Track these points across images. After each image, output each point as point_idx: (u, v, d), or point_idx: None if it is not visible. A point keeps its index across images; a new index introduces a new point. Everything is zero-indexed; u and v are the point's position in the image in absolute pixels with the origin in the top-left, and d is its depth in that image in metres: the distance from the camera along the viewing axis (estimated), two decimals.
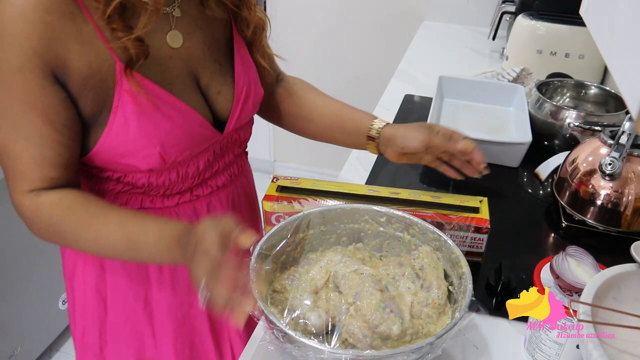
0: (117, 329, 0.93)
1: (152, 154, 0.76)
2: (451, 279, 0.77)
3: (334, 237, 0.84)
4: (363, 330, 0.68)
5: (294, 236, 0.81)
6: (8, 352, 1.67)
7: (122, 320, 0.92)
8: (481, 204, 0.93)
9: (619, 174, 0.97)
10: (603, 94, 1.38)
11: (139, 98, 0.72)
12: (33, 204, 0.72)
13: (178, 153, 0.78)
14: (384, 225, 0.84)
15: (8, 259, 1.62)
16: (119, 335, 0.93)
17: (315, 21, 2.46)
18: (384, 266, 0.80)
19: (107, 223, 0.73)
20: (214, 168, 0.88)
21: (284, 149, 2.86)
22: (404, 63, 1.88)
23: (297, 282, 0.76)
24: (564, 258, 0.84)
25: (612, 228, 1.01)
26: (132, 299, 0.91)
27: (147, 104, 0.73)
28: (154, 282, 0.90)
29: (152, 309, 0.92)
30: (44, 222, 0.73)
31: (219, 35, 0.85)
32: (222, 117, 0.85)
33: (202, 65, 0.82)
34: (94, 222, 0.73)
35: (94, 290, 0.90)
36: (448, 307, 0.74)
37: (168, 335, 0.94)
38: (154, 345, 0.94)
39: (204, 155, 0.84)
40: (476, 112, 1.43)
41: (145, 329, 0.93)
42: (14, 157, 0.70)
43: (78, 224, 0.73)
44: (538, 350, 0.75)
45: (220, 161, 0.89)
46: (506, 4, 1.87)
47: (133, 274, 0.89)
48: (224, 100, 0.84)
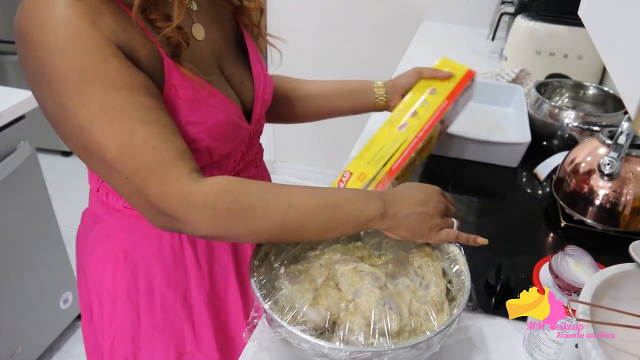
0: (153, 333, 0.91)
1: (200, 149, 0.75)
2: (449, 277, 0.77)
3: None
4: (362, 327, 0.68)
5: None
6: (9, 352, 1.67)
7: (160, 322, 0.90)
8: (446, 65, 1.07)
9: (617, 174, 0.97)
10: (601, 95, 1.39)
11: (186, 93, 0.72)
12: (202, 187, 0.65)
13: (223, 146, 0.79)
14: None
15: (9, 258, 1.62)
16: (154, 338, 0.92)
17: (315, 21, 2.46)
18: (383, 264, 0.80)
19: (295, 189, 0.70)
20: (245, 159, 0.90)
21: (284, 149, 2.87)
22: (404, 63, 1.88)
23: (297, 279, 0.76)
24: (563, 258, 0.84)
25: (610, 228, 1.01)
26: (172, 298, 0.89)
27: (193, 99, 0.72)
28: (193, 277, 0.90)
29: (191, 303, 0.91)
30: (225, 201, 0.66)
31: (229, 27, 0.87)
32: (247, 106, 0.86)
33: (223, 57, 0.83)
34: (281, 190, 0.70)
35: (125, 301, 0.88)
36: (446, 305, 0.74)
37: (208, 327, 0.93)
38: (194, 339, 0.94)
39: (239, 148, 0.86)
40: (475, 112, 1.43)
41: (185, 325, 0.92)
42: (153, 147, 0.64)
43: (266, 193, 0.69)
44: (537, 349, 0.75)
45: (250, 152, 0.91)
46: (505, 4, 1.88)
47: (171, 274, 0.88)
48: (247, 89, 0.85)
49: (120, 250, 0.86)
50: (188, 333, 0.93)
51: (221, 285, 0.93)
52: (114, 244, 0.87)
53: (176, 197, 0.65)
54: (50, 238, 1.77)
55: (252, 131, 0.89)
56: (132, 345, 0.91)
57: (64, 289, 1.87)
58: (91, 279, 0.91)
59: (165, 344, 0.92)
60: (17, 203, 1.60)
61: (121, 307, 0.89)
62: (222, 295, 0.94)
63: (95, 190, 0.86)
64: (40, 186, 1.70)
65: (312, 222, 0.70)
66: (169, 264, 0.88)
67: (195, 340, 0.94)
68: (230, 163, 0.85)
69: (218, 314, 0.94)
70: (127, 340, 0.91)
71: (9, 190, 1.56)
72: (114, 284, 0.88)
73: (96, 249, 0.89)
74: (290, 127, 1.15)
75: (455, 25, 2.25)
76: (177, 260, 0.88)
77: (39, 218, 1.71)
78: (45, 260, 1.76)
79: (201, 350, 0.94)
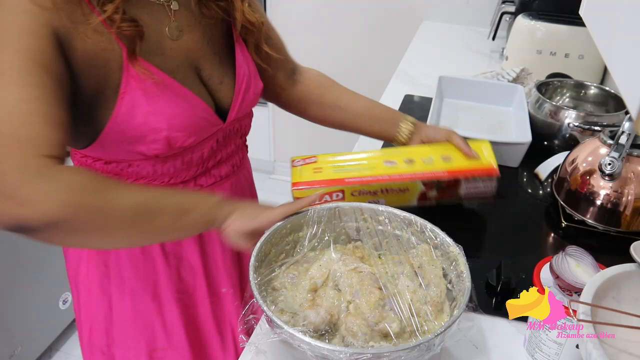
0: (125, 325, 0.94)
1: (159, 139, 0.77)
2: (450, 277, 0.77)
3: (333, 235, 0.84)
4: (362, 328, 0.68)
5: (293, 234, 0.81)
6: (8, 352, 1.67)
7: (131, 315, 0.93)
8: (484, 149, 0.99)
9: (618, 174, 0.97)
10: (603, 94, 1.38)
11: (145, 83, 0.75)
12: (58, 169, 0.62)
13: (184, 138, 0.80)
14: (383, 223, 0.84)
15: (8, 259, 1.62)
16: (127, 330, 0.94)
17: (315, 21, 2.46)
18: (382, 264, 0.80)
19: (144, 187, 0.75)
20: (217, 157, 0.90)
21: (284, 149, 2.86)
22: (404, 63, 1.88)
23: (297, 280, 0.76)
24: (564, 258, 0.84)
25: (611, 228, 1.01)
26: (141, 291, 0.92)
27: (153, 90, 0.75)
28: (161, 271, 0.92)
29: (161, 299, 0.94)
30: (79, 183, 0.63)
31: (218, 31, 0.88)
32: (225, 106, 0.87)
33: (203, 58, 0.84)
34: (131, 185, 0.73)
35: (98, 289, 0.91)
36: (447, 305, 0.74)
37: (178, 323, 0.95)
38: (165, 335, 0.96)
39: (208, 143, 0.87)
40: (476, 112, 1.43)
41: (155, 320, 0.94)
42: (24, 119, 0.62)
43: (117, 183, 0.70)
44: (538, 350, 0.75)
45: (223, 150, 0.91)
46: (506, 4, 1.87)
47: (139, 266, 0.90)
48: (226, 89, 0.87)
49: None
50: (159, 328, 0.95)
51: (190, 281, 0.95)
52: None
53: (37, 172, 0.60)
54: None
55: (228, 129, 0.90)
56: (106, 336, 0.94)
57: (63, 290, 1.87)
58: (70, 267, 0.94)
59: (137, 337, 0.95)
60: None
61: (95, 296, 0.92)
62: (190, 290, 0.96)
63: None
64: None
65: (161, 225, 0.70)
66: (137, 257, 0.90)
67: (166, 336, 0.96)
68: (195, 157, 0.86)
69: (187, 309, 0.96)
70: (102, 330, 0.94)
71: None
72: (87, 272, 0.91)
73: None
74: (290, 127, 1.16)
75: (455, 24, 2.25)
76: (146, 253, 0.90)
77: None
78: (45, 261, 1.76)
79: (172, 346, 0.96)
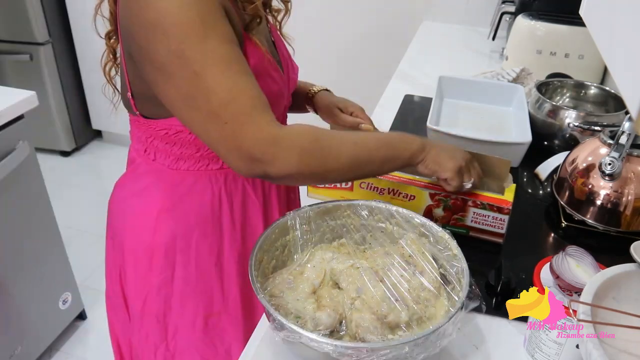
0: (187, 291, 0.95)
1: None
2: (440, 262, 0.78)
3: (317, 235, 0.85)
4: (373, 322, 0.69)
5: (281, 239, 0.82)
6: (8, 352, 1.67)
7: (193, 280, 0.95)
8: (507, 190, 0.96)
9: (618, 174, 0.97)
10: (603, 94, 1.38)
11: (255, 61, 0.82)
12: (286, 130, 0.74)
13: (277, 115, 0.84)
14: (366, 218, 0.85)
15: (8, 259, 1.62)
16: (187, 297, 0.96)
17: (315, 21, 2.46)
18: (370, 258, 0.80)
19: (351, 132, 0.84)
20: None
21: None
22: (404, 63, 1.88)
23: (294, 284, 0.76)
24: (564, 258, 0.84)
25: (611, 228, 1.01)
26: (207, 254, 0.94)
27: (260, 67, 0.83)
28: (227, 234, 0.94)
29: (223, 263, 0.96)
30: (310, 140, 0.75)
31: None
32: None
33: (268, 40, 0.91)
34: (344, 132, 0.81)
35: (162, 258, 0.93)
36: (443, 289, 0.75)
37: (235, 287, 0.97)
38: (222, 299, 0.97)
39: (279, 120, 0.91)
40: (476, 112, 1.43)
41: (215, 285, 0.96)
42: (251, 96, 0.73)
43: (335, 134, 0.80)
44: (538, 350, 0.75)
45: None
46: (506, 4, 1.87)
47: (208, 229, 0.93)
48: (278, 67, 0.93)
49: (162, 208, 0.91)
50: (217, 293, 0.97)
51: (250, 245, 0.96)
52: (156, 202, 0.91)
53: (267, 139, 0.72)
54: (49, 238, 1.77)
55: (286, 106, 0.99)
56: (163, 304, 0.96)
57: (64, 290, 1.87)
58: (128, 237, 0.95)
59: (196, 302, 0.96)
60: (17, 203, 1.60)
61: (157, 264, 0.93)
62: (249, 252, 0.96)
63: (143, 151, 0.92)
64: (40, 186, 1.69)
65: (374, 155, 0.80)
66: (207, 221, 0.93)
67: (224, 301, 0.98)
68: None
69: (245, 272, 0.97)
70: (160, 298, 0.95)
71: (8, 190, 1.56)
72: (153, 240, 0.92)
73: (136, 207, 0.94)
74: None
75: (455, 25, 2.25)
76: (215, 217, 0.93)
77: (38, 218, 1.71)
78: (45, 261, 1.76)
79: (227, 311, 0.98)
